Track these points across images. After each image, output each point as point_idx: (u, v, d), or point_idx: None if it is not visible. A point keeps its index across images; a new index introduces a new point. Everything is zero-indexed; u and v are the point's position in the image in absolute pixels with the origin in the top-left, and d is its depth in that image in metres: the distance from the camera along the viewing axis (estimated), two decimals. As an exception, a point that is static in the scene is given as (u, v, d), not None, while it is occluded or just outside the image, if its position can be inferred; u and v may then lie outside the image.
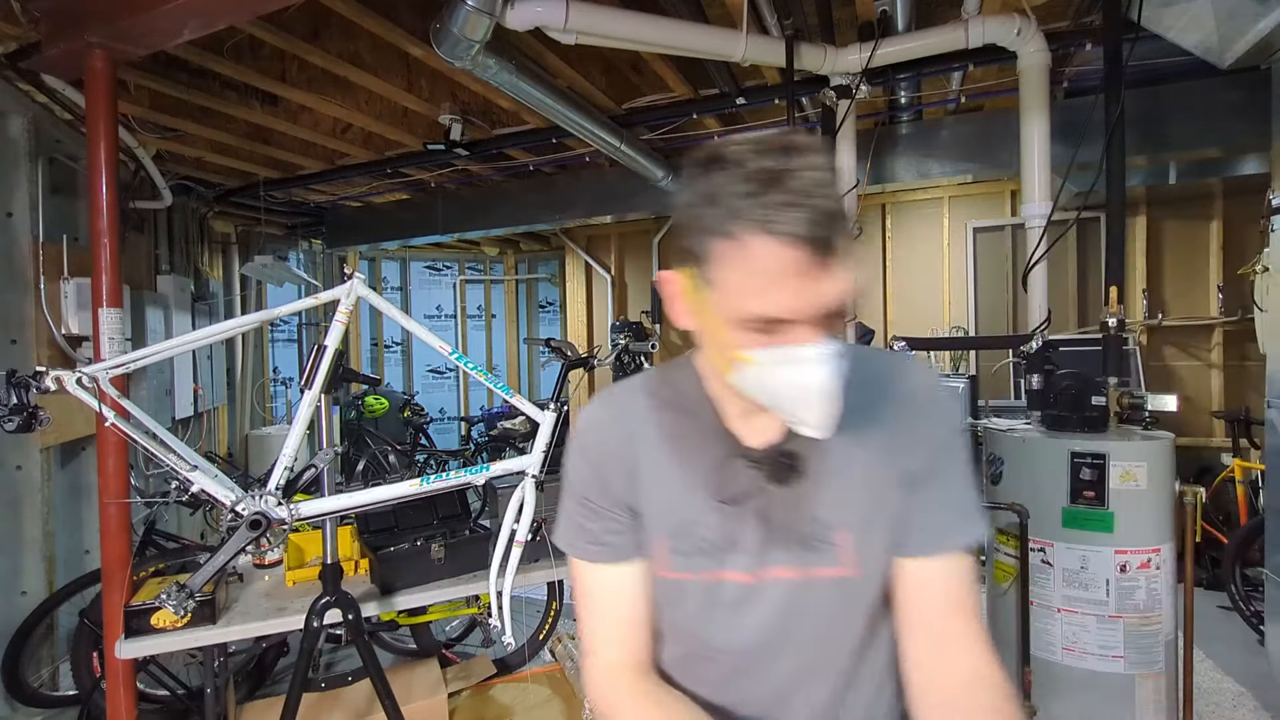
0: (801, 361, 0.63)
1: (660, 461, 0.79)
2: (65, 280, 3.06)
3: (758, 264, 0.60)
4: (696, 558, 0.77)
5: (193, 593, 1.78)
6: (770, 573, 0.76)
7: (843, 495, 0.75)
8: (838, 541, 0.75)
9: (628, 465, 0.80)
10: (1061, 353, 2.25)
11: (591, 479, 0.81)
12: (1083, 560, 1.96)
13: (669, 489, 0.78)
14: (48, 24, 2.34)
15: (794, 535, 0.75)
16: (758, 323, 0.63)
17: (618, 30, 2.50)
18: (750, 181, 0.60)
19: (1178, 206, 4.70)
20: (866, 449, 0.76)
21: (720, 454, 0.77)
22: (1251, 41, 2.45)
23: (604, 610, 0.82)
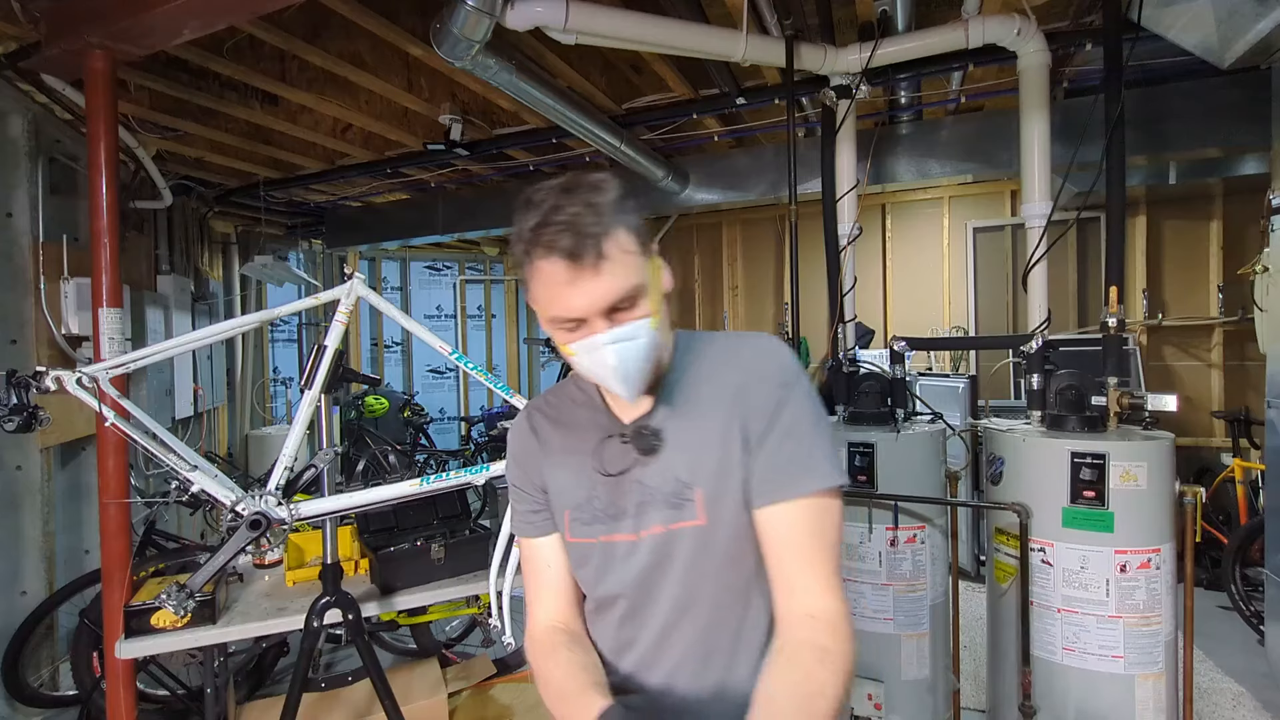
0: (597, 348, 0.81)
1: (557, 448, 0.97)
2: (65, 280, 3.06)
3: (540, 279, 0.80)
4: (594, 525, 0.93)
5: (193, 593, 1.78)
6: (648, 530, 0.90)
7: (696, 458, 0.88)
8: (695, 498, 0.88)
9: (537, 456, 0.99)
10: (1061, 353, 2.25)
11: (516, 471, 1.01)
12: (1083, 560, 1.96)
13: (566, 469, 0.96)
14: (48, 24, 2.34)
15: (662, 496, 0.89)
16: (561, 323, 0.82)
17: (618, 30, 2.50)
18: (534, 218, 0.79)
19: (1178, 206, 4.70)
20: (713, 416, 0.89)
21: (602, 434, 0.94)
22: (1251, 41, 2.45)
23: (535, 576, 1.01)
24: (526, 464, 1.00)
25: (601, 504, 0.92)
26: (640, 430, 0.90)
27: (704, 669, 0.90)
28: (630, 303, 0.81)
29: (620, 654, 0.95)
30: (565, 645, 0.94)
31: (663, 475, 0.89)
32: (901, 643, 2.26)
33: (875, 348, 4.73)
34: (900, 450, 2.29)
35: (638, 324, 0.82)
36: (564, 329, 0.82)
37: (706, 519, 0.87)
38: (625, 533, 0.91)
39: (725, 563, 0.89)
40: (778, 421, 0.87)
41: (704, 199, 4.67)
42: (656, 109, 3.72)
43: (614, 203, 0.81)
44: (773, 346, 0.93)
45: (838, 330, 3.12)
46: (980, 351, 5.19)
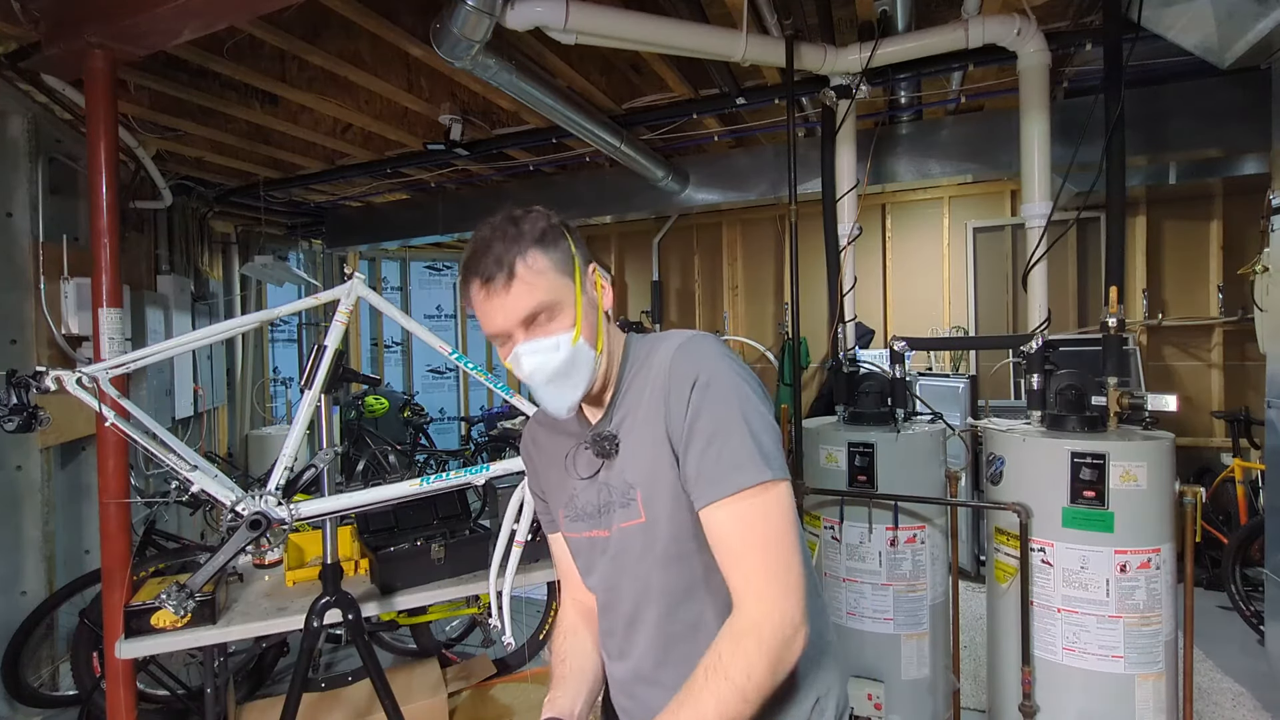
0: (517, 357, 0.90)
1: (548, 455, 1.08)
2: (65, 280, 3.06)
3: (469, 301, 0.92)
4: (579, 522, 1.02)
5: (193, 593, 1.77)
6: (612, 528, 0.98)
7: (636, 461, 0.94)
8: (637, 498, 0.94)
9: (534, 463, 1.12)
10: (1061, 353, 2.25)
11: (530, 476, 1.15)
12: (1083, 560, 1.96)
13: (554, 473, 1.06)
14: (48, 24, 2.34)
15: (618, 497, 0.96)
16: (494, 340, 0.93)
17: (618, 30, 2.50)
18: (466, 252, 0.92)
19: (1178, 206, 4.70)
20: (645, 420, 0.94)
21: (576, 441, 1.02)
22: (1251, 41, 2.45)
23: (558, 565, 1.16)
24: (530, 471, 1.14)
25: (580, 504, 1.01)
26: (596, 436, 0.97)
27: (665, 660, 0.96)
28: (548, 317, 0.89)
29: (605, 641, 1.07)
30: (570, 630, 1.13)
31: (619, 477, 0.96)
32: (902, 643, 2.26)
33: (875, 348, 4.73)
34: (900, 450, 2.29)
35: (556, 338, 0.90)
36: (499, 345, 0.93)
37: (646, 517, 0.93)
38: (600, 529, 1.00)
39: (668, 559, 0.93)
40: (697, 425, 0.86)
41: (704, 199, 4.67)
42: (656, 109, 3.72)
43: (530, 231, 0.90)
44: (692, 345, 0.92)
45: (838, 330, 3.12)
46: (980, 351, 5.19)
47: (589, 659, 1.10)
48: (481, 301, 0.90)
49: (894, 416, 2.40)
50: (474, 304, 0.91)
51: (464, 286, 0.92)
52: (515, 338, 0.90)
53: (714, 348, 0.91)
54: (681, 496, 0.89)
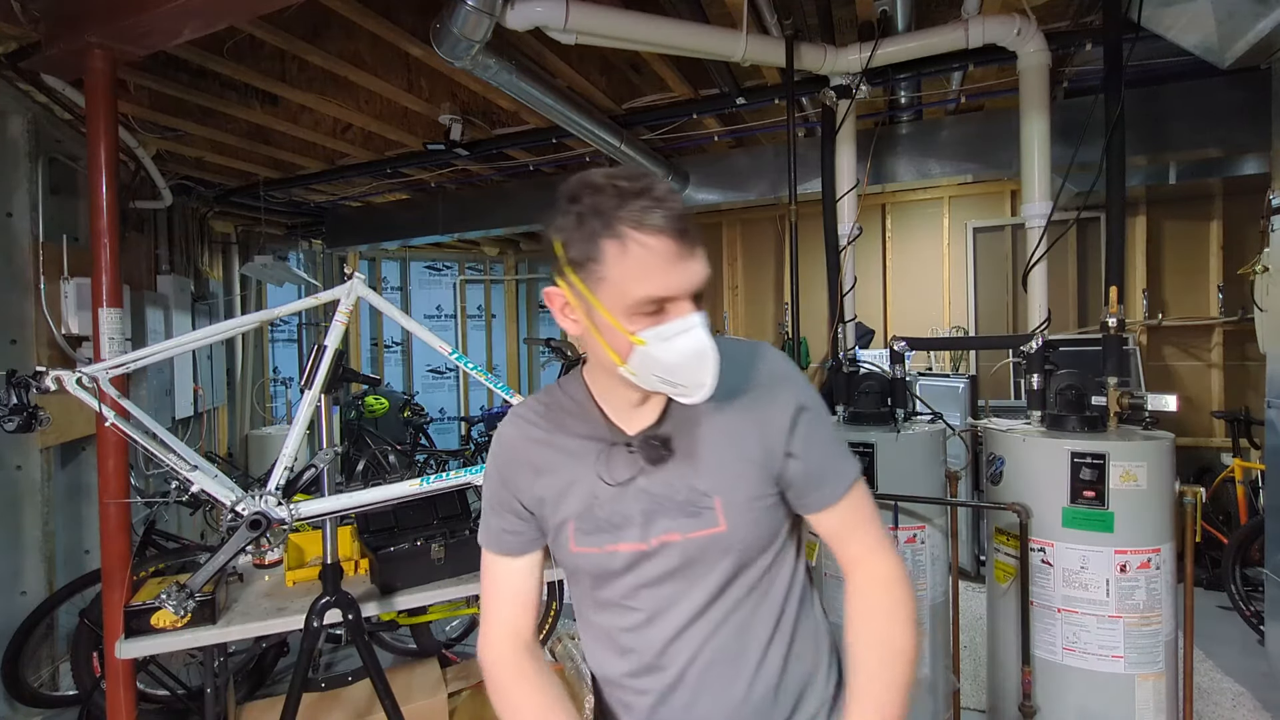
0: (688, 329, 0.79)
1: (557, 457, 0.94)
2: (65, 280, 3.06)
3: (639, 254, 0.77)
4: (596, 534, 0.91)
5: (193, 593, 1.78)
6: (659, 538, 0.89)
7: (714, 466, 0.89)
8: (714, 505, 0.89)
9: (530, 466, 0.95)
10: (1061, 353, 2.25)
11: (496, 483, 0.98)
12: (1083, 560, 1.96)
13: (567, 479, 0.93)
14: (48, 24, 2.34)
15: (675, 504, 0.89)
16: (646, 304, 0.78)
17: (618, 30, 2.50)
18: (622, 196, 0.78)
19: (1178, 206, 4.70)
20: (731, 425, 0.90)
21: (605, 445, 0.92)
22: (1251, 41, 2.45)
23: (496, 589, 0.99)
24: (511, 477, 0.96)
25: (604, 513, 0.91)
26: (649, 440, 0.90)
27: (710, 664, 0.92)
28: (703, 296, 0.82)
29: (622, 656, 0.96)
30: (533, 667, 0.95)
31: (672, 484, 0.89)
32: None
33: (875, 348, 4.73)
34: (900, 450, 2.29)
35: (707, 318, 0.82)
36: (644, 313, 0.79)
37: (726, 525, 0.89)
38: (632, 541, 0.90)
39: (741, 566, 0.91)
40: (802, 435, 0.91)
41: (704, 199, 4.67)
42: (656, 109, 3.72)
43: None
44: (777, 356, 0.96)
45: (838, 330, 3.12)
46: (980, 351, 5.19)
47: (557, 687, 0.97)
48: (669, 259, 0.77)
49: (894, 416, 2.40)
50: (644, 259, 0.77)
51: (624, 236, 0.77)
52: (681, 308, 0.80)
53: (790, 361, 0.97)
54: (764, 503, 0.90)
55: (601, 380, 0.93)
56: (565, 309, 0.87)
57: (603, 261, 0.78)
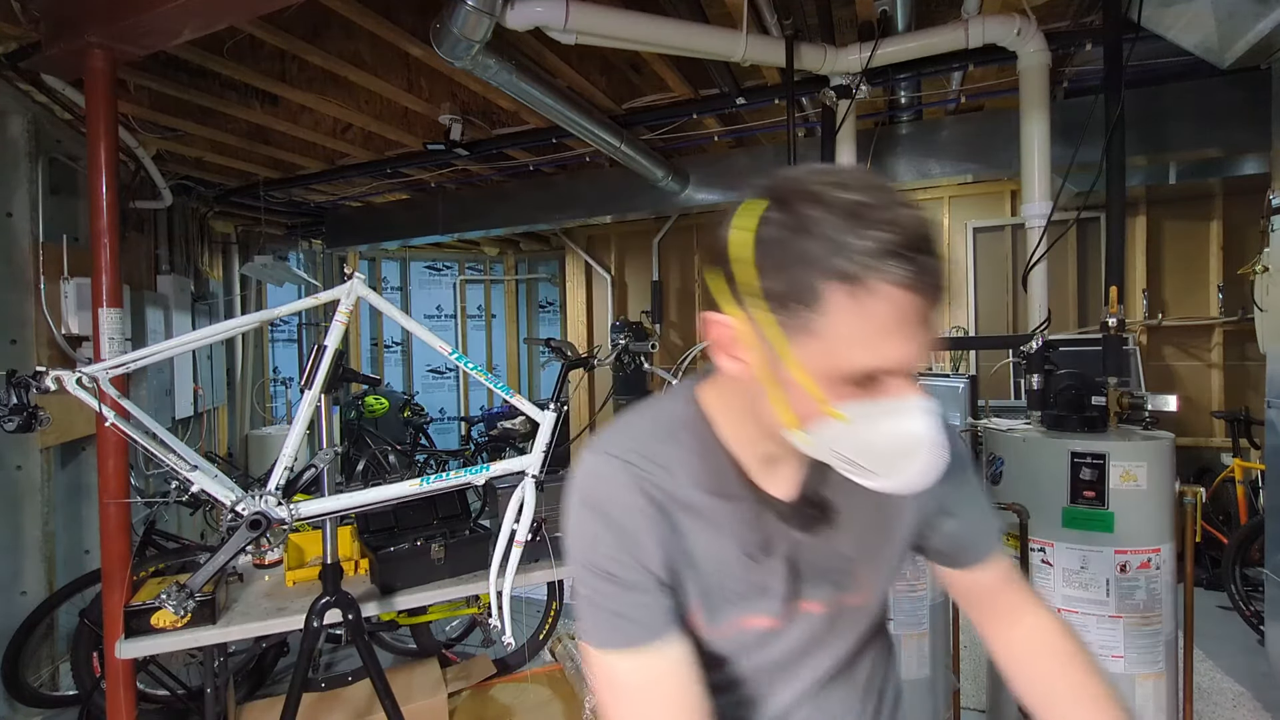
0: (909, 413, 0.61)
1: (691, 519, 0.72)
2: (65, 280, 3.06)
3: (882, 314, 0.56)
4: (725, 609, 0.74)
5: (193, 593, 1.78)
6: (799, 609, 0.77)
7: (862, 533, 0.78)
8: (858, 573, 0.79)
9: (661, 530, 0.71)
10: (1061, 353, 2.25)
11: (615, 548, 0.69)
12: (1083, 560, 1.96)
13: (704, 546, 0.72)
14: (48, 24, 2.34)
15: (822, 574, 0.77)
16: (861, 376, 0.59)
17: (618, 30, 2.50)
18: (858, 220, 0.56)
19: (1178, 206, 4.70)
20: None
21: (746, 507, 0.73)
22: (1251, 41, 2.45)
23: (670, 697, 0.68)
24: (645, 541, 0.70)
25: (740, 586, 0.74)
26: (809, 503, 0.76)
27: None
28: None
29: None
30: None
31: (819, 550, 0.76)
32: (902, 643, 2.26)
33: (875, 348, 4.71)
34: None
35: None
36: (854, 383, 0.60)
37: (871, 597, 0.82)
38: (763, 616, 0.75)
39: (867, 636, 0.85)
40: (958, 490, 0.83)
41: (704, 199, 4.67)
42: (656, 109, 3.72)
43: None
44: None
45: (838, 330, 3.12)
46: (980, 351, 5.19)
47: None
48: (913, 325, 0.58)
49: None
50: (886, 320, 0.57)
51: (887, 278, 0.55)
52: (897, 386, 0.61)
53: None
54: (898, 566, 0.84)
55: (736, 423, 0.73)
56: (733, 346, 0.65)
57: (820, 311, 0.57)
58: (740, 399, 0.71)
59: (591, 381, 6.65)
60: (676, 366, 2.54)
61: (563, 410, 2.07)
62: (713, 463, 0.73)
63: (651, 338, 5.95)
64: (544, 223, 5.34)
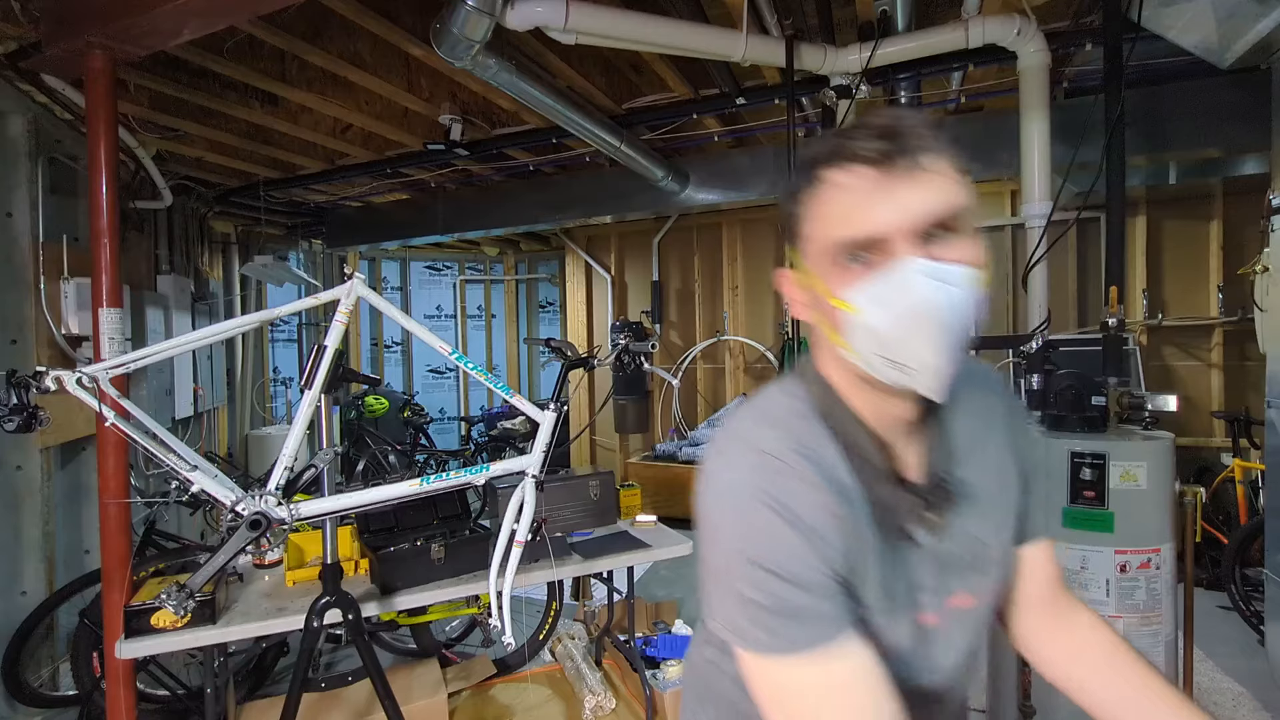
0: (908, 280, 0.59)
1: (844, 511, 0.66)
2: (65, 280, 3.06)
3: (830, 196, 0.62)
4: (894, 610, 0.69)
5: (193, 593, 1.78)
6: (950, 604, 0.72)
7: (989, 511, 0.74)
8: (994, 557, 0.74)
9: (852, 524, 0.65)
10: (1061, 353, 2.25)
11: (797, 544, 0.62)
12: (1083, 560, 1.96)
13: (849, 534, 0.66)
14: (48, 24, 2.34)
15: (963, 561, 0.72)
16: (848, 249, 0.61)
17: (618, 30, 2.50)
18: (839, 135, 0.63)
19: (1178, 206, 4.70)
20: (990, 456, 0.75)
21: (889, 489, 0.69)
22: (1251, 41, 2.45)
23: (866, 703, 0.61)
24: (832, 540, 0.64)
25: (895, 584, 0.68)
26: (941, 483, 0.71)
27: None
28: (950, 231, 0.61)
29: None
30: None
31: (957, 535, 0.71)
32: (901, 643, 2.26)
33: (875, 348, 4.71)
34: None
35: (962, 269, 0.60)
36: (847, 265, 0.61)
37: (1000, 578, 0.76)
38: (925, 613, 0.71)
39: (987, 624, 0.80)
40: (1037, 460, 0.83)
41: (704, 199, 4.67)
42: (656, 109, 3.72)
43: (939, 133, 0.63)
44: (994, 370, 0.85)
45: (838, 330, 3.12)
46: (980, 351, 5.19)
47: None
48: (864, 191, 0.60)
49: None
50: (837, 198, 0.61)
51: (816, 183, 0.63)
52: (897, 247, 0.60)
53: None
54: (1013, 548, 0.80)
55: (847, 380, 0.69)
56: (794, 292, 0.70)
57: (804, 217, 0.64)
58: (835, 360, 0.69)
59: (591, 381, 6.65)
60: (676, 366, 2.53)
61: (563, 410, 2.07)
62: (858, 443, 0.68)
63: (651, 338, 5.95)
64: (544, 223, 5.34)
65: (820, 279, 0.64)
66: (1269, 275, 2.76)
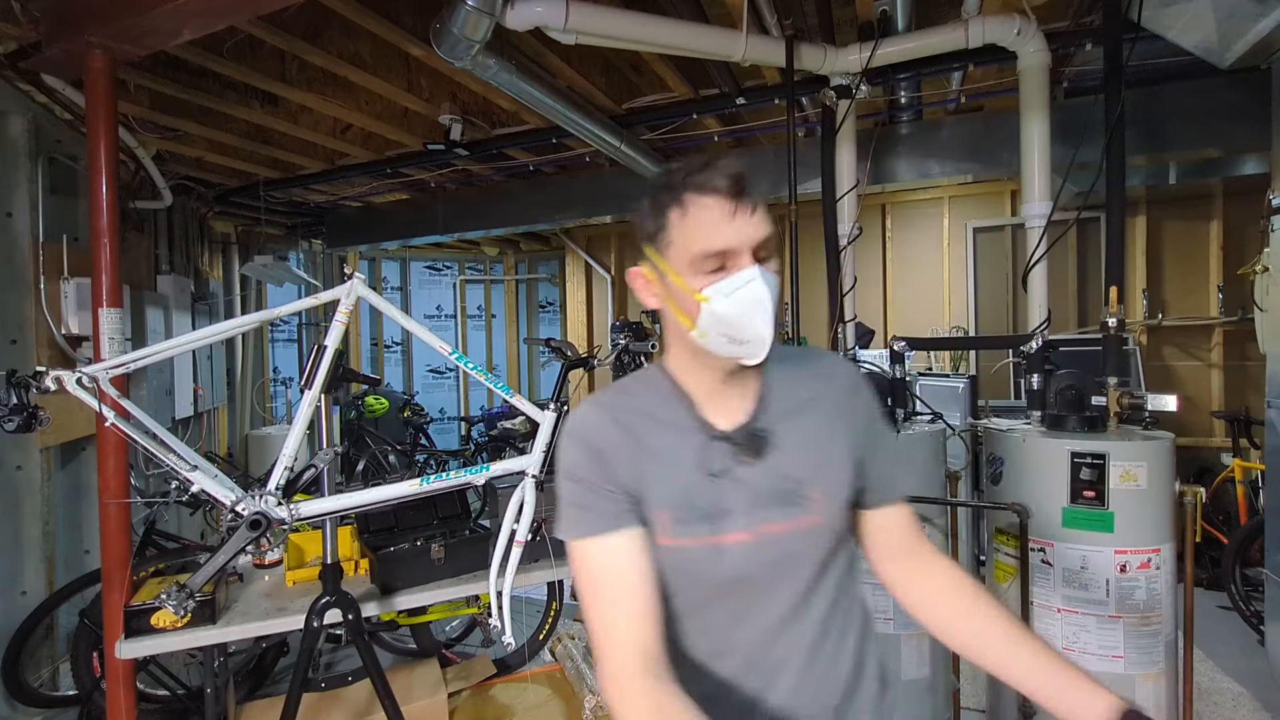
0: (747, 282, 0.83)
1: (655, 445, 0.91)
2: (65, 280, 3.06)
3: (695, 215, 0.84)
4: (694, 525, 0.89)
5: (193, 593, 1.78)
6: (763, 528, 0.89)
7: (811, 457, 0.93)
8: (812, 496, 0.91)
9: (628, 451, 0.90)
10: (1061, 353, 2.25)
11: (590, 463, 0.90)
12: (1083, 560, 1.96)
13: (665, 467, 0.90)
14: (48, 24, 2.34)
15: (777, 495, 0.90)
16: (707, 260, 0.84)
17: (618, 30, 2.50)
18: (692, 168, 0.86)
19: (1178, 206, 4.70)
20: (819, 419, 0.95)
21: (702, 435, 0.91)
22: (1251, 41, 2.45)
23: (613, 587, 0.86)
24: (613, 459, 0.89)
25: (705, 504, 0.88)
26: (752, 433, 0.91)
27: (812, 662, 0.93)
28: (769, 254, 0.86)
29: (718, 659, 0.92)
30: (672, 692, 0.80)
31: (771, 475, 0.90)
32: (902, 643, 2.26)
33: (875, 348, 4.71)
34: (900, 450, 2.29)
35: (775, 277, 0.86)
36: (705, 271, 0.84)
37: (826, 517, 0.92)
38: (735, 532, 0.89)
39: (837, 555, 0.96)
40: (877, 432, 1.00)
41: (704, 199, 4.66)
42: (656, 109, 3.72)
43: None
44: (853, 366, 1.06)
45: (838, 330, 3.12)
46: (980, 351, 5.19)
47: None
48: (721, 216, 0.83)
49: (894, 416, 2.40)
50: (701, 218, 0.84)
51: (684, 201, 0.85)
52: (741, 261, 0.84)
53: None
54: (847, 495, 0.95)
55: (683, 363, 0.94)
56: (646, 286, 0.93)
57: (669, 227, 0.86)
58: (677, 342, 0.93)
59: (591, 381, 6.64)
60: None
61: (563, 410, 2.08)
62: (670, 400, 0.94)
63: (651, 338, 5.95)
64: (544, 223, 5.34)
65: (680, 276, 0.86)
66: (1269, 275, 2.76)
